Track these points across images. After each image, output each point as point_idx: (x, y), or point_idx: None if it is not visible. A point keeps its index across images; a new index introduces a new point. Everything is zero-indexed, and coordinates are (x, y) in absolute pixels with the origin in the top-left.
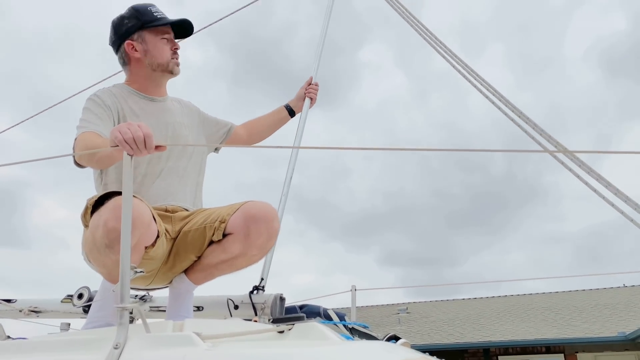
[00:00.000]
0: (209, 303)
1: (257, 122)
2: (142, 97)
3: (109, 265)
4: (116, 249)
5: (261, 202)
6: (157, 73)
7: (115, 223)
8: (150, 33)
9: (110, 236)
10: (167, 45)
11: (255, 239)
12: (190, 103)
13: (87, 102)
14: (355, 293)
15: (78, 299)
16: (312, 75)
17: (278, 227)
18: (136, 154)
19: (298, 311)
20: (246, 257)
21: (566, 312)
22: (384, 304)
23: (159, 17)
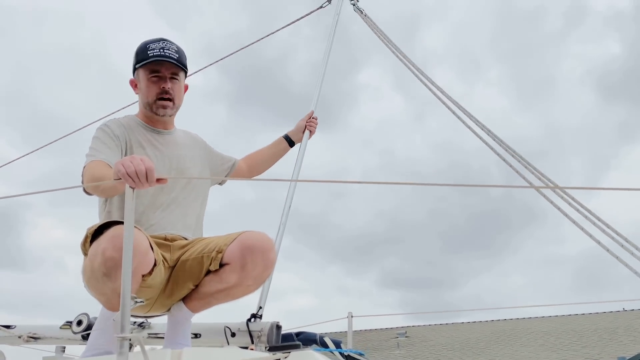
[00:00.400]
0: (206, 330)
1: (257, 155)
2: (149, 129)
3: (107, 294)
4: (113, 277)
5: (258, 233)
6: (147, 112)
7: (113, 252)
8: (144, 71)
9: (107, 265)
10: (155, 85)
11: (251, 269)
12: (197, 136)
13: (97, 131)
14: (351, 320)
15: (77, 326)
16: (312, 109)
17: (274, 258)
18: (138, 187)
19: (294, 339)
20: (242, 287)
21: (565, 337)
22: (383, 328)
23: (149, 55)
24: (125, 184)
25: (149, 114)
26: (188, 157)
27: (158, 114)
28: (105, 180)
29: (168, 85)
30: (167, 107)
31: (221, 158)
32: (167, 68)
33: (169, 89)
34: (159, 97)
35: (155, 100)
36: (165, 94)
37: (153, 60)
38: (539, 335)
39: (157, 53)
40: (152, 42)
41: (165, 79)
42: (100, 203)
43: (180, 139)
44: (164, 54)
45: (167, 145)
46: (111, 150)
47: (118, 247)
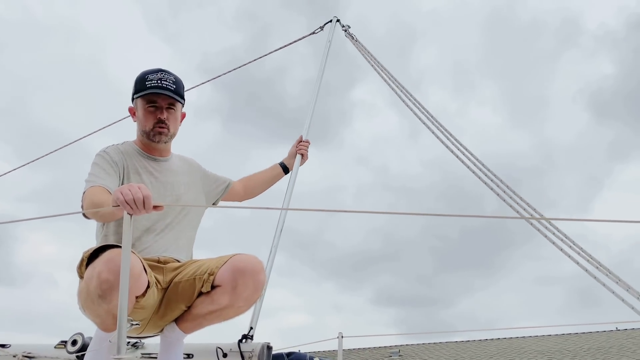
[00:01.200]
0: (198, 351)
1: (253, 178)
2: (145, 156)
3: (102, 315)
4: (108, 299)
5: (248, 256)
6: (145, 139)
7: (108, 275)
8: (141, 101)
9: (103, 287)
10: (152, 115)
11: (242, 291)
12: (193, 161)
13: (96, 157)
14: (342, 340)
15: (72, 346)
16: (303, 130)
17: (264, 280)
18: (135, 214)
19: (285, 359)
20: (233, 308)
21: (559, 356)
22: (376, 347)
23: (147, 87)
24: (124, 211)
25: (145, 141)
26: (183, 184)
27: (154, 141)
28: (104, 206)
29: (164, 115)
30: (162, 133)
31: (215, 180)
32: (164, 99)
33: (164, 119)
34: (154, 127)
35: (151, 129)
36: (161, 124)
37: (150, 93)
38: (532, 355)
39: (154, 84)
40: (151, 73)
41: (161, 109)
42: (98, 227)
43: (175, 165)
44: (161, 85)
45: (162, 173)
46: (110, 176)
47: (113, 270)
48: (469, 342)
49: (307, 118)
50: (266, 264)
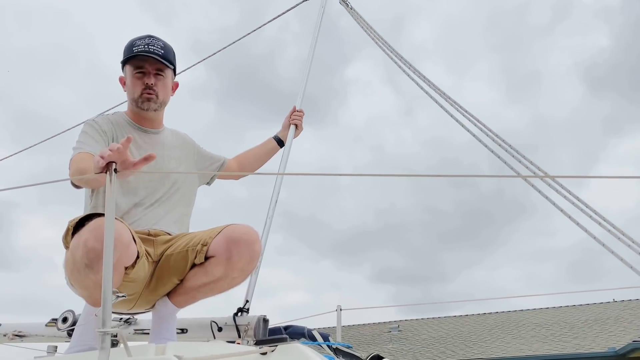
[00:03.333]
0: (192, 325)
1: (247, 154)
2: (135, 127)
3: (89, 287)
4: (96, 268)
5: (243, 225)
6: (135, 109)
7: (94, 243)
8: (129, 67)
9: (89, 256)
10: (139, 81)
11: (236, 261)
12: (187, 136)
13: (84, 126)
14: (340, 313)
15: (62, 323)
16: (296, 102)
17: (259, 250)
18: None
19: (282, 332)
20: (228, 279)
21: (557, 328)
22: (376, 322)
23: (134, 51)
24: (106, 175)
25: (135, 110)
26: (174, 158)
27: (143, 108)
28: (90, 171)
29: (152, 80)
30: (151, 99)
31: (210, 158)
32: (152, 64)
33: (152, 85)
34: (142, 93)
35: (140, 95)
36: (149, 90)
37: (137, 56)
38: (530, 327)
39: (141, 49)
40: (139, 39)
41: (149, 74)
42: (86, 197)
43: (167, 138)
44: (148, 50)
45: (152, 145)
46: (98, 144)
47: (100, 238)
48: (467, 316)
49: (302, 86)
50: (262, 234)
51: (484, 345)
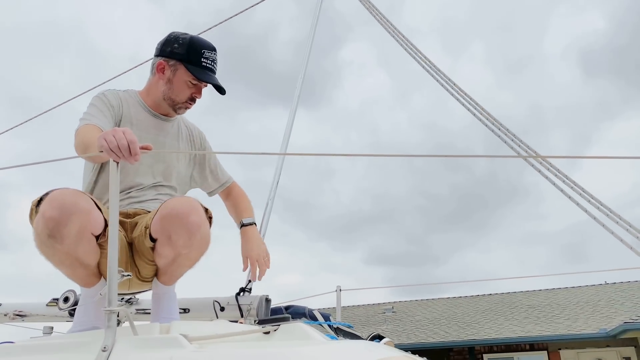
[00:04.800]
0: (195, 305)
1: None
2: (146, 110)
3: (65, 261)
4: (58, 238)
5: (177, 199)
6: (164, 102)
7: (52, 212)
8: (186, 72)
9: (49, 225)
10: (190, 90)
11: (176, 239)
12: (202, 134)
13: (93, 99)
14: (340, 293)
15: (64, 303)
16: (296, 84)
17: (199, 220)
18: (123, 160)
19: (284, 312)
20: (183, 256)
21: (549, 310)
22: (370, 304)
23: (202, 66)
24: (110, 158)
25: (162, 103)
26: (174, 149)
27: (177, 112)
28: (94, 145)
29: (200, 96)
30: (187, 109)
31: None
32: (208, 80)
33: (197, 98)
34: (186, 101)
35: (183, 102)
36: (192, 102)
37: (203, 76)
38: (523, 309)
39: (209, 65)
40: (208, 50)
41: (200, 89)
42: (86, 172)
43: (174, 129)
44: (213, 69)
45: (157, 130)
46: (106, 118)
47: (57, 206)
48: (461, 297)
49: (302, 69)
50: (263, 215)
51: (477, 326)
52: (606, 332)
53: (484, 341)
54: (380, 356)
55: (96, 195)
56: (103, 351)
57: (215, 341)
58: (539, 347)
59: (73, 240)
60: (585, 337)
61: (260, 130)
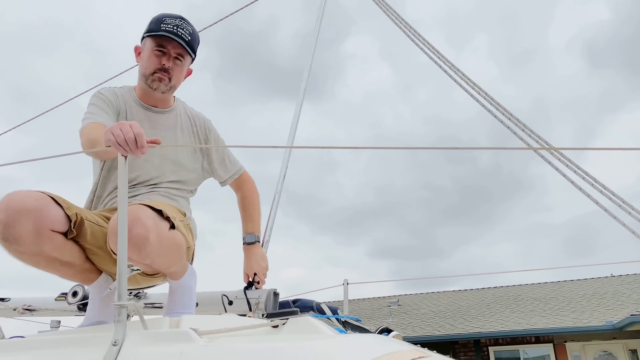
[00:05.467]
0: (203, 299)
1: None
2: (140, 105)
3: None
4: (12, 239)
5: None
6: (144, 85)
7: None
8: (151, 42)
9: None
10: (157, 59)
11: (130, 255)
12: (204, 121)
13: (92, 98)
14: (347, 287)
15: (72, 297)
16: (302, 78)
17: (143, 231)
18: (130, 154)
19: (291, 306)
20: (151, 265)
21: (555, 303)
22: (376, 297)
23: (162, 30)
24: (118, 153)
25: (144, 86)
26: (173, 141)
27: (151, 87)
28: (100, 142)
29: (169, 63)
30: (162, 81)
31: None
32: (175, 47)
33: (168, 68)
34: (156, 71)
35: (152, 73)
36: (164, 72)
37: (162, 35)
38: (528, 302)
39: (169, 29)
40: (169, 17)
41: (168, 56)
42: (95, 168)
43: (170, 120)
44: (176, 32)
45: (155, 125)
46: (107, 114)
47: (2, 209)
48: (466, 290)
49: (307, 63)
50: (270, 209)
51: (483, 319)
52: (612, 324)
53: (490, 334)
54: (390, 349)
55: (98, 193)
56: (113, 345)
57: (225, 335)
58: (545, 339)
59: (31, 240)
60: (591, 329)
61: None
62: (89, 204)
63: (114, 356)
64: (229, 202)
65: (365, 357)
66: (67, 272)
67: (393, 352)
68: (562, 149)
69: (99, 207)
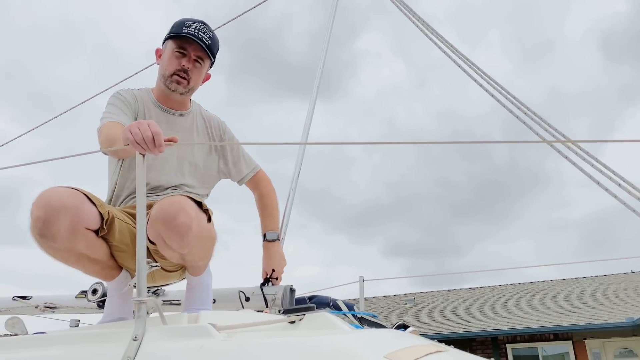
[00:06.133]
0: (220, 296)
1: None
2: (158, 107)
3: (61, 254)
4: (50, 236)
5: (164, 200)
6: (163, 86)
7: (38, 212)
8: (172, 44)
9: (37, 225)
10: (177, 60)
11: (171, 244)
12: (219, 123)
13: (110, 98)
14: (363, 284)
15: (92, 294)
16: (315, 76)
17: (187, 220)
18: (148, 152)
19: (308, 302)
20: (186, 255)
21: (574, 299)
22: (391, 295)
23: (183, 32)
24: (136, 151)
25: (162, 87)
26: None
27: (170, 88)
28: (118, 141)
29: (189, 65)
30: (180, 83)
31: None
32: (195, 49)
33: (188, 69)
34: (175, 72)
35: (171, 75)
36: (183, 73)
37: (184, 37)
38: (546, 299)
39: (191, 32)
40: (191, 21)
41: (188, 58)
42: (111, 173)
43: (187, 123)
44: (197, 35)
45: (171, 127)
46: (125, 114)
47: (42, 206)
48: (483, 288)
49: (320, 61)
50: (285, 206)
51: (500, 316)
52: (633, 321)
53: (507, 331)
54: (407, 344)
55: (117, 192)
56: (134, 340)
57: (243, 330)
58: (564, 336)
59: (67, 237)
60: (611, 326)
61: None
62: (107, 202)
63: (134, 351)
64: (242, 202)
65: (382, 352)
66: (93, 269)
67: (410, 347)
68: (578, 142)
69: (117, 206)
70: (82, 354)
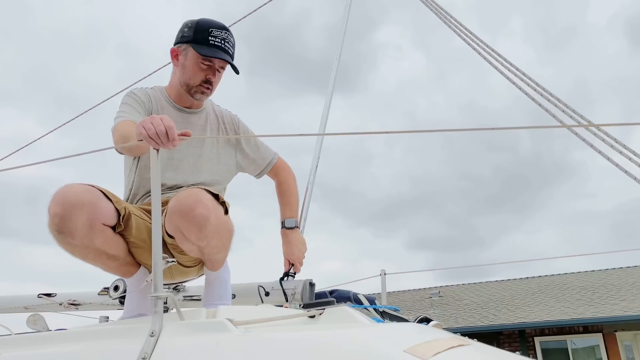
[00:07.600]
0: (240, 290)
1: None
2: (171, 105)
3: (79, 250)
4: (68, 232)
5: (182, 193)
6: (182, 90)
7: (55, 208)
8: (196, 53)
9: (55, 221)
10: (203, 72)
11: (189, 236)
12: (232, 118)
13: (124, 97)
14: (385, 277)
15: (114, 291)
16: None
17: (205, 212)
18: (162, 147)
19: (328, 296)
20: (205, 247)
21: (603, 291)
22: (416, 289)
23: (210, 44)
24: (150, 146)
25: (182, 91)
26: (207, 141)
27: (194, 98)
28: (132, 138)
29: (215, 78)
30: (205, 94)
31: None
32: (220, 61)
33: (213, 81)
34: (201, 84)
35: (198, 85)
36: (208, 84)
37: (212, 54)
38: (575, 291)
39: (218, 44)
40: (216, 29)
41: (214, 70)
42: (127, 173)
43: (201, 120)
44: (224, 48)
45: (184, 125)
46: (139, 113)
47: (59, 202)
48: (509, 280)
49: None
50: (303, 200)
51: (527, 309)
52: None
53: (535, 324)
54: (429, 338)
55: (134, 192)
56: (151, 336)
57: (261, 325)
58: (594, 329)
59: (84, 233)
60: None
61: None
62: (124, 200)
63: (151, 346)
64: (266, 197)
65: (403, 345)
66: (111, 265)
67: (432, 340)
68: (603, 125)
69: (135, 203)
70: (99, 349)
